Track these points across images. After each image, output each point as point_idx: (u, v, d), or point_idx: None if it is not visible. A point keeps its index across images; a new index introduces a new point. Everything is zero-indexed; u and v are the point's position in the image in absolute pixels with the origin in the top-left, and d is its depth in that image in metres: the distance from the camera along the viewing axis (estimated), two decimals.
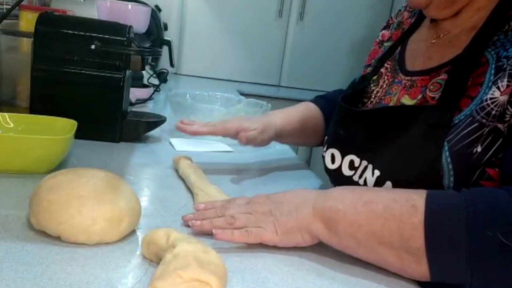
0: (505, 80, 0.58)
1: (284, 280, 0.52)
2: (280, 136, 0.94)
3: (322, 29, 2.86)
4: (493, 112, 0.58)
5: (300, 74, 2.89)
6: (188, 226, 0.61)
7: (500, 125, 0.58)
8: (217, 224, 0.59)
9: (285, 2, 2.79)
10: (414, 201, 0.53)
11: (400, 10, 0.91)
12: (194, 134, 0.88)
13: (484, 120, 0.58)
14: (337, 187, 0.61)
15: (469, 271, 0.49)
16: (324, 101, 1.02)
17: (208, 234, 0.59)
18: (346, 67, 2.88)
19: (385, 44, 0.89)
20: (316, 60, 2.89)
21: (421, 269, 0.52)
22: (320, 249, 0.60)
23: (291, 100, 2.46)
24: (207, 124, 0.89)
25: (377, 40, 0.93)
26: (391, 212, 0.53)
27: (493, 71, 0.60)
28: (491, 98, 0.58)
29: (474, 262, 0.49)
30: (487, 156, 0.58)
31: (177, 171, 0.84)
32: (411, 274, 0.54)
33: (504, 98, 0.58)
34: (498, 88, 0.58)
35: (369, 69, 0.87)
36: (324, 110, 1.00)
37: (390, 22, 0.92)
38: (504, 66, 0.59)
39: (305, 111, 0.99)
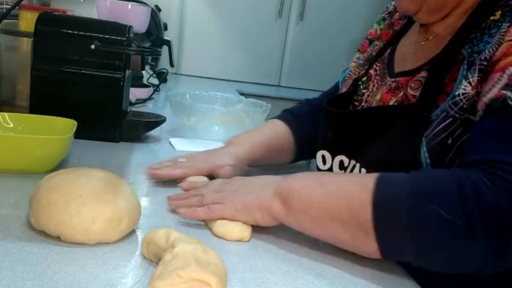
0: (476, 75, 0.60)
1: (284, 280, 0.52)
2: (250, 164, 0.88)
3: (322, 29, 2.86)
4: (465, 106, 0.60)
5: (300, 74, 2.89)
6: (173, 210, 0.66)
7: (472, 117, 0.60)
8: (190, 203, 0.65)
9: (285, 2, 2.79)
10: (366, 180, 0.55)
11: (387, 7, 0.91)
12: (167, 177, 0.78)
13: (457, 115, 0.61)
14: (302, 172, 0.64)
15: (410, 244, 0.50)
16: (292, 116, 0.96)
17: (207, 234, 0.59)
18: (345, 67, 2.87)
19: (375, 43, 0.89)
20: (316, 60, 2.89)
21: (371, 245, 0.53)
22: (320, 249, 0.60)
23: (291, 100, 2.46)
24: (177, 166, 0.80)
25: (367, 34, 0.93)
26: (344, 191, 0.56)
27: (465, 67, 0.63)
28: (463, 93, 0.60)
29: (415, 236, 0.50)
30: (457, 146, 0.60)
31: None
32: (363, 251, 0.55)
33: (474, 92, 0.60)
34: (469, 83, 0.60)
35: (360, 72, 0.88)
36: (292, 126, 0.94)
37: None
38: (475, 61, 0.61)
39: (271, 132, 0.93)
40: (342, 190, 0.57)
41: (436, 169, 0.58)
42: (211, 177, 0.79)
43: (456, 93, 0.61)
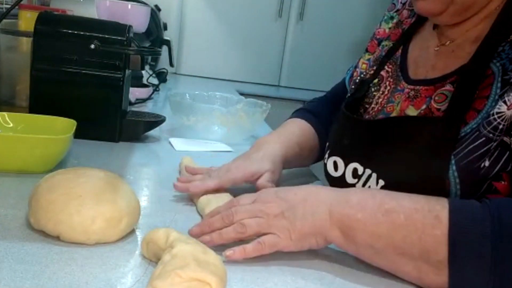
0: None
1: (284, 280, 0.52)
2: (284, 165, 0.84)
3: (322, 29, 2.86)
4: (500, 126, 0.58)
5: (299, 74, 2.89)
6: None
7: (506, 138, 0.58)
8: (228, 236, 0.56)
9: (285, 2, 2.79)
10: (437, 211, 0.52)
11: (394, 4, 0.88)
12: (200, 191, 0.71)
13: (491, 135, 0.58)
14: (357, 190, 0.59)
15: (491, 283, 0.48)
16: (312, 116, 0.94)
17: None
18: (345, 67, 2.86)
19: (384, 43, 0.86)
20: (316, 60, 2.88)
21: (440, 280, 0.51)
22: (320, 250, 0.60)
23: (291, 100, 2.46)
24: (210, 176, 0.74)
25: (374, 34, 0.90)
26: (413, 223, 0.52)
27: (499, 85, 0.60)
28: (498, 113, 0.58)
29: (498, 275, 0.48)
30: (495, 170, 0.58)
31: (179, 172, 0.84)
32: (428, 284, 0.53)
33: (511, 112, 0.57)
34: (505, 102, 0.58)
35: (369, 73, 0.84)
36: (315, 126, 0.92)
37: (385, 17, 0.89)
38: (511, 80, 0.59)
39: (300, 132, 0.90)
40: (411, 221, 0.52)
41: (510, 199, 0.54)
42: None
43: (491, 112, 0.58)
